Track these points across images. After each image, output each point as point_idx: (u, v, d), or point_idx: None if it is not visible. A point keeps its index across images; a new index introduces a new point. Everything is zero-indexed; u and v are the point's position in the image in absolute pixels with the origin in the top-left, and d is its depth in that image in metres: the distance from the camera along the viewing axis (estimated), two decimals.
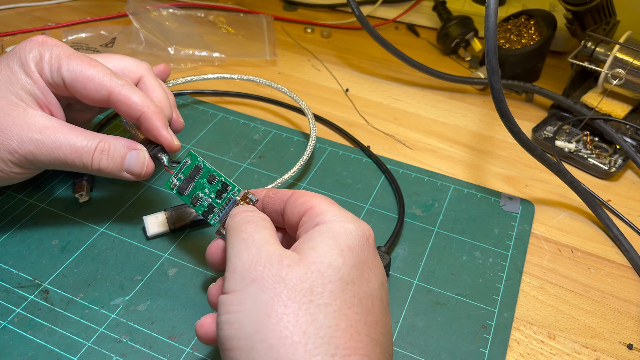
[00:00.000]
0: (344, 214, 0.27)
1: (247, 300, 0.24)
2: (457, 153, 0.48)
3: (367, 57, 0.61)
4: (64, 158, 0.32)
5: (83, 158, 0.32)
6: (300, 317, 0.22)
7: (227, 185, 0.32)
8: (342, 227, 0.26)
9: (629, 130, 0.48)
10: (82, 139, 0.32)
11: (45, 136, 0.32)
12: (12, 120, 0.31)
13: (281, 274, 0.24)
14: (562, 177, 0.41)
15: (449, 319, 0.34)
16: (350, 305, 0.24)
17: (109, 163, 0.33)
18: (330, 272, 0.24)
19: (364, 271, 0.25)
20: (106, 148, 0.33)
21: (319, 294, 0.23)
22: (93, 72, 0.33)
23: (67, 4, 0.68)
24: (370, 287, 0.25)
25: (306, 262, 0.24)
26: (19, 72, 0.32)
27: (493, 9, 0.34)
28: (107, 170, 0.33)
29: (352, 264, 0.25)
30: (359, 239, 0.26)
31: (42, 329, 0.32)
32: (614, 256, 0.39)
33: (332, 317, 0.23)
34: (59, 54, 0.33)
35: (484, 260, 0.38)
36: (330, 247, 0.25)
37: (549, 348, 0.33)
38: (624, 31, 0.49)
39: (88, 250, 0.37)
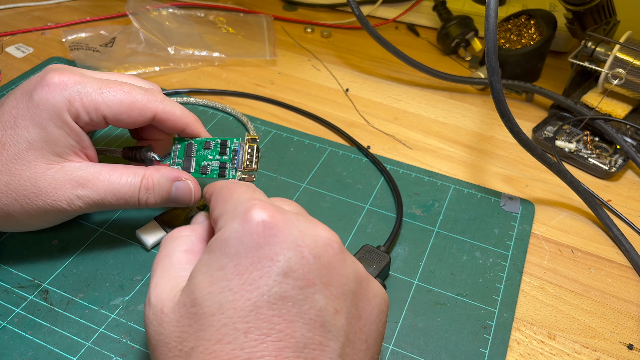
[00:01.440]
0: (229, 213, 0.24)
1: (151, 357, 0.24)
2: (457, 153, 0.48)
3: (367, 57, 0.61)
4: (111, 205, 0.32)
5: (129, 202, 0.32)
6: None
7: (226, 140, 0.33)
8: (217, 243, 0.23)
9: (629, 130, 0.48)
10: (124, 184, 0.32)
11: (89, 191, 0.31)
12: (55, 183, 0.31)
13: (161, 328, 0.23)
14: (563, 177, 0.41)
15: (449, 319, 0.34)
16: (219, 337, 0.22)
17: (156, 199, 0.33)
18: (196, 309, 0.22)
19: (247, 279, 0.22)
20: (150, 185, 0.33)
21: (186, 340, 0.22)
22: (131, 98, 0.32)
23: (66, 3, 0.68)
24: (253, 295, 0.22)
25: (179, 304, 0.23)
26: (49, 126, 0.30)
27: (493, 9, 0.34)
28: (155, 205, 0.33)
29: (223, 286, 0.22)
30: (237, 244, 0.23)
31: (41, 329, 0.32)
32: (614, 256, 0.39)
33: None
34: (89, 93, 0.31)
35: (484, 260, 0.38)
36: (199, 276, 0.23)
37: (549, 348, 0.33)
38: (624, 31, 0.49)
39: (88, 250, 0.37)
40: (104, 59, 0.55)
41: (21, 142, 0.30)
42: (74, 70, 0.32)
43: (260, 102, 0.53)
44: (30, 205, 0.31)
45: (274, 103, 0.53)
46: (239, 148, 0.32)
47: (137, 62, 0.55)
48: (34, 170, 0.30)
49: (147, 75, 0.55)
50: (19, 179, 0.30)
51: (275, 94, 0.54)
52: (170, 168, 0.34)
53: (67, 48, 0.57)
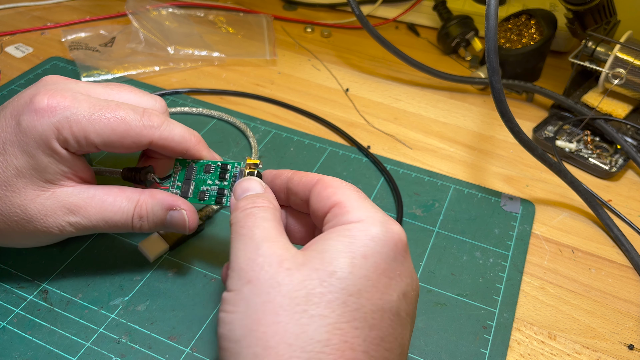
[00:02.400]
0: (372, 214, 0.25)
1: (241, 302, 0.23)
2: (458, 153, 0.48)
3: (367, 57, 0.61)
4: (103, 230, 0.31)
5: (122, 228, 0.31)
6: (290, 327, 0.21)
7: (226, 164, 0.32)
8: (363, 233, 0.24)
9: (630, 130, 0.47)
10: (116, 211, 0.31)
11: (81, 217, 0.30)
12: (45, 210, 0.30)
13: (278, 278, 0.22)
14: (563, 177, 0.41)
15: (449, 319, 0.34)
16: (350, 319, 0.22)
17: (150, 226, 0.32)
18: (332, 281, 0.22)
19: (380, 282, 0.23)
20: (144, 213, 0.31)
21: (314, 304, 0.22)
22: (124, 126, 0.30)
23: (66, 3, 0.68)
24: (384, 299, 0.23)
25: (309, 267, 0.23)
26: (38, 154, 0.29)
27: (493, 9, 0.34)
28: (149, 231, 0.33)
29: (363, 274, 0.23)
30: (381, 245, 0.24)
31: (41, 329, 0.32)
32: (615, 256, 0.39)
33: (325, 331, 0.21)
34: (78, 120, 0.29)
35: (484, 261, 0.38)
36: (340, 254, 0.23)
37: (550, 348, 0.33)
38: (624, 31, 0.49)
39: (87, 250, 0.36)
40: (103, 58, 0.55)
41: (10, 169, 0.29)
42: (66, 90, 0.30)
43: (260, 102, 0.53)
44: (22, 229, 0.30)
45: (274, 103, 0.52)
46: (238, 173, 0.31)
47: (137, 61, 0.55)
48: (23, 197, 0.29)
49: (147, 75, 0.55)
50: (10, 205, 0.29)
51: (275, 94, 0.54)
52: (166, 194, 0.32)
53: (66, 48, 0.57)
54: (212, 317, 0.33)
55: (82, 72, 0.53)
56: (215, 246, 0.38)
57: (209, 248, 0.37)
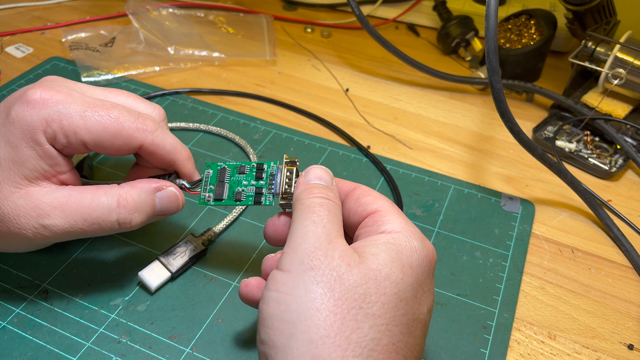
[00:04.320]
0: (411, 228, 0.26)
1: (300, 286, 0.23)
2: (458, 153, 0.48)
3: (367, 57, 0.61)
4: (84, 232, 0.29)
5: (104, 226, 0.29)
6: (347, 320, 0.22)
7: (262, 164, 0.31)
8: (408, 243, 0.25)
9: (630, 130, 0.48)
10: (95, 207, 0.29)
11: (56, 219, 0.28)
12: (18, 209, 0.28)
13: (340, 272, 0.23)
14: (563, 177, 0.41)
15: (449, 319, 0.34)
16: (398, 323, 0.23)
17: (142, 217, 0.30)
18: (387, 284, 0.23)
19: (418, 293, 0.24)
20: (130, 204, 0.29)
21: (371, 302, 0.23)
22: (117, 126, 0.29)
23: (66, 3, 0.68)
24: (419, 309, 0.24)
25: (366, 267, 0.24)
26: (20, 145, 0.28)
27: (493, 9, 0.34)
28: (142, 224, 0.30)
29: (410, 283, 0.24)
30: (422, 259, 0.25)
31: (41, 329, 0.32)
32: (615, 256, 0.39)
33: (378, 330, 0.22)
34: (70, 115, 0.28)
35: (484, 261, 0.38)
36: (392, 260, 0.24)
37: (550, 348, 0.33)
38: (624, 31, 0.49)
39: (88, 250, 0.36)
40: (103, 58, 0.55)
41: None
42: (62, 87, 0.29)
43: (260, 102, 0.53)
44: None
45: (274, 103, 0.52)
46: (276, 172, 0.30)
47: (137, 61, 0.55)
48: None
49: (147, 75, 0.55)
50: None
51: (275, 94, 0.54)
52: (146, 179, 0.31)
53: (66, 48, 0.57)
54: (212, 317, 0.33)
55: (82, 72, 0.53)
56: (216, 247, 0.38)
57: (209, 248, 0.37)
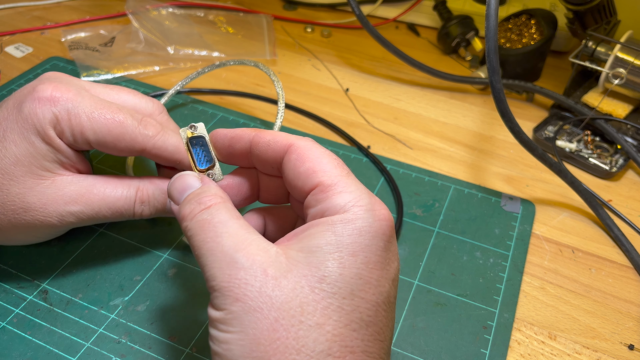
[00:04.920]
0: (357, 198, 0.23)
1: (234, 322, 0.21)
2: (458, 153, 0.48)
3: (368, 57, 0.61)
4: (105, 218, 0.31)
5: (125, 214, 0.32)
6: (290, 342, 0.20)
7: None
8: (350, 227, 0.22)
9: (630, 130, 0.47)
10: (119, 197, 0.31)
11: (82, 206, 0.30)
12: (45, 198, 0.29)
13: (267, 291, 0.21)
14: (563, 177, 0.41)
15: (450, 320, 0.34)
16: (347, 322, 0.21)
17: (151, 211, 0.33)
18: (323, 287, 0.21)
19: (372, 275, 0.22)
20: (145, 198, 0.32)
21: (309, 313, 0.21)
22: (121, 129, 0.30)
23: (66, 3, 0.68)
24: (377, 292, 0.22)
25: (296, 273, 0.21)
26: (37, 141, 0.29)
27: (494, 9, 0.34)
28: (150, 216, 0.33)
29: (354, 274, 0.22)
30: (370, 238, 0.23)
31: (41, 329, 0.32)
32: (615, 256, 0.39)
33: (325, 340, 0.21)
34: (78, 114, 0.29)
35: (484, 261, 0.38)
36: (328, 255, 0.22)
37: (550, 349, 0.33)
38: (624, 31, 0.48)
39: (87, 250, 0.36)
40: (103, 58, 0.55)
41: (9, 156, 0.29)
42: (70, 84, 0.31)
43: (260, 102, 0.53)
44: (18, 220, 0.30)
45: (274, 103, 0.52)
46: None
47: (137, 61, 0.55)
48: (22, 186, 0.29)
49: (147, 75, 0.55)
50: (7, 194, 0.29)
51: (275, 94, 0.54)
52: (164, 179, 0.33)
53: (66, 48, 0.57)
54: None
55: (82, 71, 0.53)
56: None
57: None
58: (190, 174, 0.27)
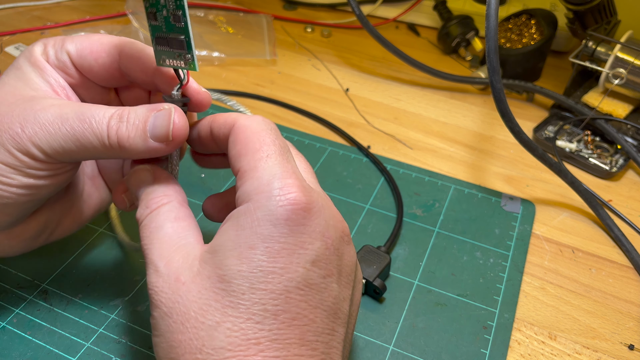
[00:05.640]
0: (264, 185, 0.23)
1: (156, 327, 0.23)
2: (458, 153, 0.48)
3: (368, 57, 0.61)
4: (73, 133, 0.26)
5: (95, 128, 0.26)
6: (193, 343, 0.22)
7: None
8: (250, 218, 0.22)
9: (630, 130, 0.47)
10: (93, 108, 0.26)
11: (50, 112, 0.26)
12: (17, 107, 0.26)
13: (176, 297, 0.22)
14: (563, 177, 0.41)
15: (450, 320, 0.34)
16: (248, 316, 0.21)
17: (129, 130, 0.26)
18: (222, 286, 0.22)
19: (277, 264, 0.22)
20: (125, 114, 0.26)
21: (210, 313, 0.22)
22: (98, 37, 0.29)
23: (66, 3, 0.68)
24: (285, 279, 0.22)
25: (202, 276, 0.22)
26: (24, 66, 0.29)
27: (494, 9, 0.34)
28: (129, 141, 0.26)
29: (254, 267, 0.22)
30: (272, 225, 0.22)
31: (41, 329, 0.32)
32: (615, 256, 0.39)
33: (224, 337, 0.21)
34: (63, 38, 0.29)
35: (484, 261, 0.38)
36: (228, 252, 0.22)
37: (550, 349, 0.33)
38: (625, 31, 0.48)
39: (87, 250, 0.36)
40: None
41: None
42: None
43: (260, 102, 0.53)
44: None
45: (274, 103, 0.52)
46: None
47: None
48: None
49: None
50: None
51: (275, 94, 0.54)
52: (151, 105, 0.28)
53: None
54: None
55: None
56: None
57: None
58: (143, 168, 0.27)
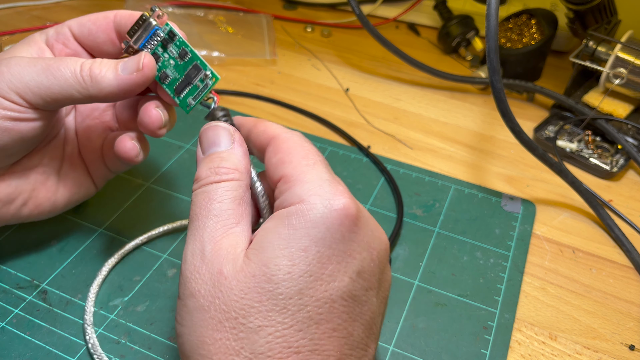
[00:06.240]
0: (314, 188, 0.22)
1: (186, 317, 0.22)
2: (458, 153, 0.48)
3: (368, 57, 0.61)
4: (47, 67, 0.27)
5: (69, 63, 0.27)
6: (230, 343, 0.21)
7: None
8: (303, 219, 0.22)
9: (631, 130, 0.47)
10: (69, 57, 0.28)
11: (29, 53, 0.30)
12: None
13: (216, 291, 0.21)
14: (564, 177, 0.41)
15: (450, 320, 0.34)
16: (292, 322, 0.21)
17: (102, 66, 0.28)
18: (269, 287, 0.21)
19: (325, 271, 0.21)
20: (97, 59, 0.28)
21: (252, 315, 0.21)
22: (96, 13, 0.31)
23: (65, 3, 0.68)
24: (331, 288, 0.21)
25: (246, 273, 0.21)
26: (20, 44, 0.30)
27: (494, 8, 0.34)
28: (100, 73, 0.27)
29: (304, 270, 0.21)
30: (324, 230, 0.22)
31: (40, 329, 0.32)
32: (616, 257, 0.39)
33: (265, 342, 0.20)
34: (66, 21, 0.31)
35: (485, 261, 0.38)
36: (278, 252, 0.21)
37: (550, 349, 0.33)
38: (625, 30, 0.48)
39: (87, 250, 0.36)
40: None
41: None
42: None
43: (260, 102, 0.53)
44: None
45: (274, 102, 0.52)
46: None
47: None
48: None
49: None
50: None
51: (275, 94, 0.54)
52: None
53: None
54: None
55: None
56: None
57: None
58: (226, 127, 0.26)
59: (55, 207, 0.33)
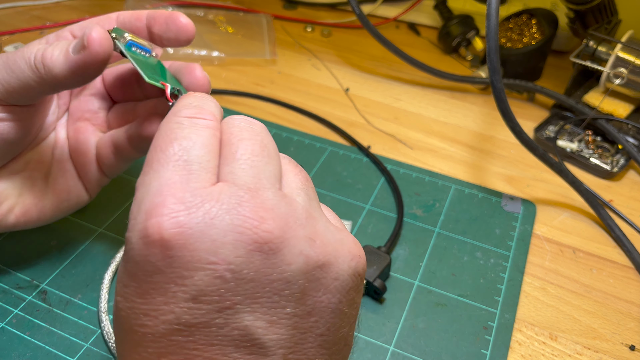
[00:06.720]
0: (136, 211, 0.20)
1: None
2: (458, 153, 0.48)
3: (368, 56, 0.61)
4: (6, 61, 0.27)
5: (25, 53, 0.26)
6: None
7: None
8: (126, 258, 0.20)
9: (631, 129, 0.47)
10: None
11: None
12: None
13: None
14: (564, 177, 0.41)
15: (450, 320, 0.34)
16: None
17: (53, 50, 0.26)
18: None
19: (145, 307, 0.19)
20: (52, 42, 0.27)
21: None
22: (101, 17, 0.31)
23: (65, 3, 0.68)
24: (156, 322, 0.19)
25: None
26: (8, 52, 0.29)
27: (494, 8, 0.34)
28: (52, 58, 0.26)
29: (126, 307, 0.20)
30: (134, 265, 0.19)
31: (40, 330, 0.32)
32: (616, 257, 0.39)
33: None
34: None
35: (485, 261, 0.38)
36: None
37: (551, 349, 0.33)
38: (625, 30, 0.48)
39: (87, 250, 0.36)
40: None
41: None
42: None
43: (260, 102, 0.53)
44: None
45: (274, 102, 0.52)
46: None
47: None
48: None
49: None
50: None
51: (275, 94, 0.54)
52: None
53: None
54: None
55: None
56: None
57: None
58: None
59: (43, 214, 0.32)
